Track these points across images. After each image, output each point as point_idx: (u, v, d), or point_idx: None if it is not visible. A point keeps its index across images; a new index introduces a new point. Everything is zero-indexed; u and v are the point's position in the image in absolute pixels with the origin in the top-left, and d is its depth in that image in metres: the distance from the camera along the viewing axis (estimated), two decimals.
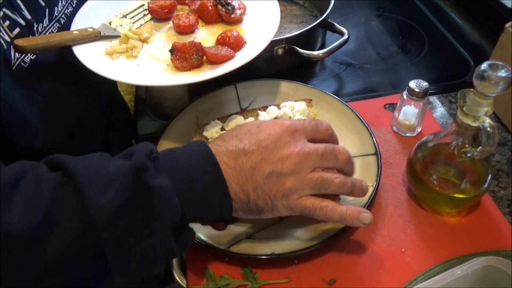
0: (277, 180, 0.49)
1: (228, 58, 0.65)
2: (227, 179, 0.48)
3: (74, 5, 0.69)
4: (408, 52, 0.99)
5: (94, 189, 0.41)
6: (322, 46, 0.97)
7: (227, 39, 0.66)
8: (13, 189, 0.40)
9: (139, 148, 0.45)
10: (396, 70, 0.95)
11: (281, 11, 1.02)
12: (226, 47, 0.66)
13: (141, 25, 0.74)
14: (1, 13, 0.53)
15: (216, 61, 0.64)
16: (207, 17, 0.73)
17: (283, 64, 0.89)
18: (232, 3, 0.72)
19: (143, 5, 0.76)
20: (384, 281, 0.58)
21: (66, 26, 0.66)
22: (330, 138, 0.57)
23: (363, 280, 0.58)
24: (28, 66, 0.57)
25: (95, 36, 0.67)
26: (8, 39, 0.54)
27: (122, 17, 0.74)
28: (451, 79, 0.91)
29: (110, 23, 0.72)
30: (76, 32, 0.64)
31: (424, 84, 0.70)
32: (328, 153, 0.52)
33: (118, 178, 0.42)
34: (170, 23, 0.74)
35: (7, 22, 0.54)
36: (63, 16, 0.65)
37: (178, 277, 0.85)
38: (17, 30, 0.55)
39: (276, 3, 0.73)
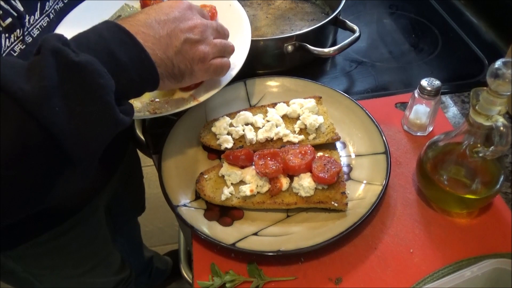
0: (191, 46, 0.56)
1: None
2: (150, 46, 0.51)
3: (65, 1, 0.70)
4: (421, 51, 0.98)
5: (13, 77, 0.41)
6: (334, 44, 0.96)
7: None
8: None
9: (46, 39, 0.44)
10: (408, 69, 0.93)
11: (292, 9, 1.03)
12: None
13: None
14: None
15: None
16: None
17: (293, 61, 0.88)
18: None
19: (119, 16, 0.76)
20: (391, 281, 0.57)
21: (54, 21, 0.67)
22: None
23: (370, 279, 0.58)
24: (17, 55, 0.58)
25: None
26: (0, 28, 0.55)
27: None
28: (464, 78, 0.89)
29: None
30: None
31: (436, 82, 0.69)
32: (220, 28, 0.63)
33: (36, 67, 0.42)
34: None
35: None
36: (52, 11, 0.66)
37: (185, 272, 0.86)
38: (9, 20, 0.57)
39: (249, 29, 0.71)
